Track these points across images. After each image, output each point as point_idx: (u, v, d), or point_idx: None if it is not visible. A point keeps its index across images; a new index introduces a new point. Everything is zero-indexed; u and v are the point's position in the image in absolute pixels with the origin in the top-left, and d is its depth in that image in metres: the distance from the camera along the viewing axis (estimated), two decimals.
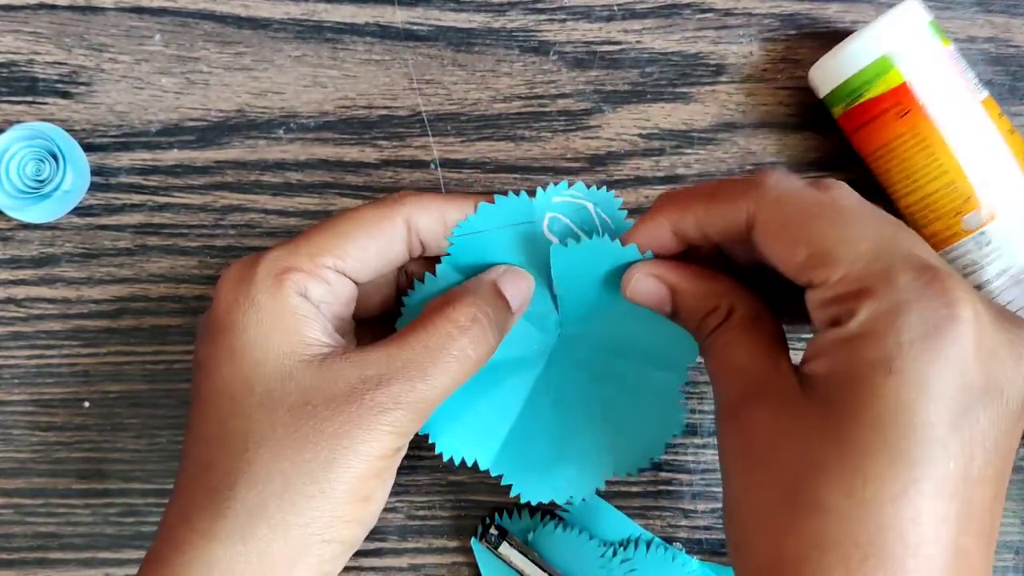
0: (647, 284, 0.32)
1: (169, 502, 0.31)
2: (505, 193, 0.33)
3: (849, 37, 0.38)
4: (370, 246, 0.32)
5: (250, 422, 0.29)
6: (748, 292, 0.31)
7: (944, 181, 0.37)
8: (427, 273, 0.34)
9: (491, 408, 0.34)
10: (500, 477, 0.34)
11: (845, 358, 0.26)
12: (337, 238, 0.32)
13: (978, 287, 0.38)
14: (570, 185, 0.34)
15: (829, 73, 0.38)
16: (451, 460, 0.34)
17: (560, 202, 0.34)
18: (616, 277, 0.33)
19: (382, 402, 0.29)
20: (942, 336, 0.25)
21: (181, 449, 0.31)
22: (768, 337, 0.29)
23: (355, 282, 0.32)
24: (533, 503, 0.35)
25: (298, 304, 0.30)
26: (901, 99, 0.37)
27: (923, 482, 0.24)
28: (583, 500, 0.34)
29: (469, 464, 0.34)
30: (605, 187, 0.34)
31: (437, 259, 0.34)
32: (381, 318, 0.35)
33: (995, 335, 0.25)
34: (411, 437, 0.31)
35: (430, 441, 0.34)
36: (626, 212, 0.34)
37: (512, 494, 0.34)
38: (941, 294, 0.25)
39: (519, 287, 0.33)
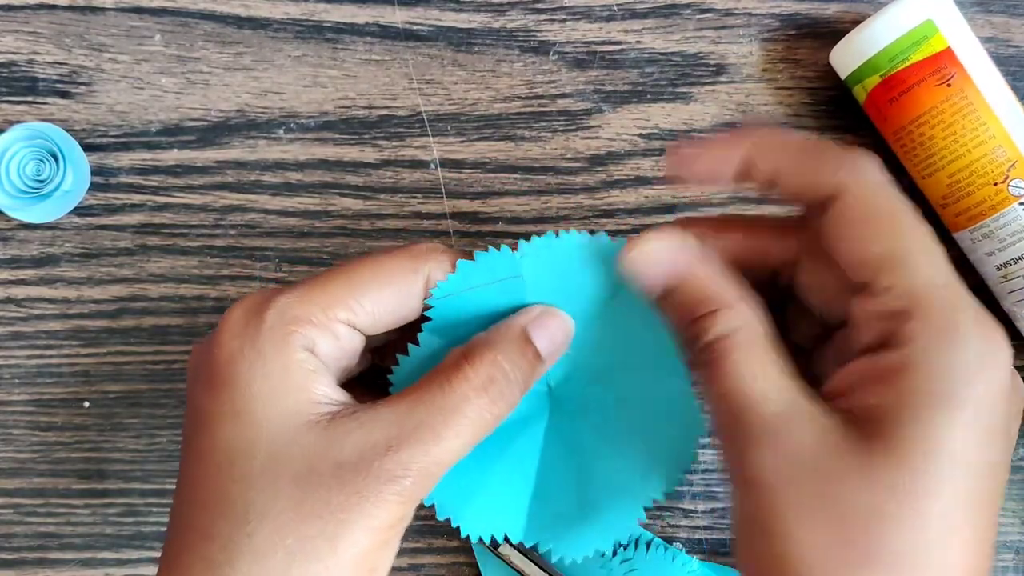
0: (656, 256, 0.28)
1: (161, 568, 0.29)
2: (486, 249, 0.30)
3: (882, 9, 0.38)
4: (387, 301, 0.30)
5: (252, 491, 0.27)
6: (759, 299, 0.28)
7: (991, 146, 0.37)
8: (410, 345, 0.31)
9: (506, 473, 0.32)
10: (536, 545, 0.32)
11: (901, 392, 0.24)
12: (352, 289, 0.29)
13: None
14: (556, 234, 0.30)
15: (863, 44, 0.38)
16: (480, 540, 0.31)
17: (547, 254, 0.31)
18: (595, 277, 0.30)
19: (390, 469, 0.27)
20: (995, 368, 0.24)
21: (172, 507, 0.30)
22: (784, 354, 0.27)
23: (364, 335, 0.30)
24: (579, 561, 0.32)
25: (305, 359, 0.28)
26: (946, 63, 0.37)
27: (977, 516, 0.24)
28: (632, 542, 0.32)
29: (501, 541, 0.32)
30: (604, 233, 0.30)
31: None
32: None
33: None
34: (419, 503, 0.28)
35: (453, 525, 0.31)
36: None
37: (554, 560, 0.32)
38: (986, 322, 0.24)
39: (553, 333, 0.30)
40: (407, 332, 0.31)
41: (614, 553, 0.40)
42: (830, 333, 0.29)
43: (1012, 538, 0.41)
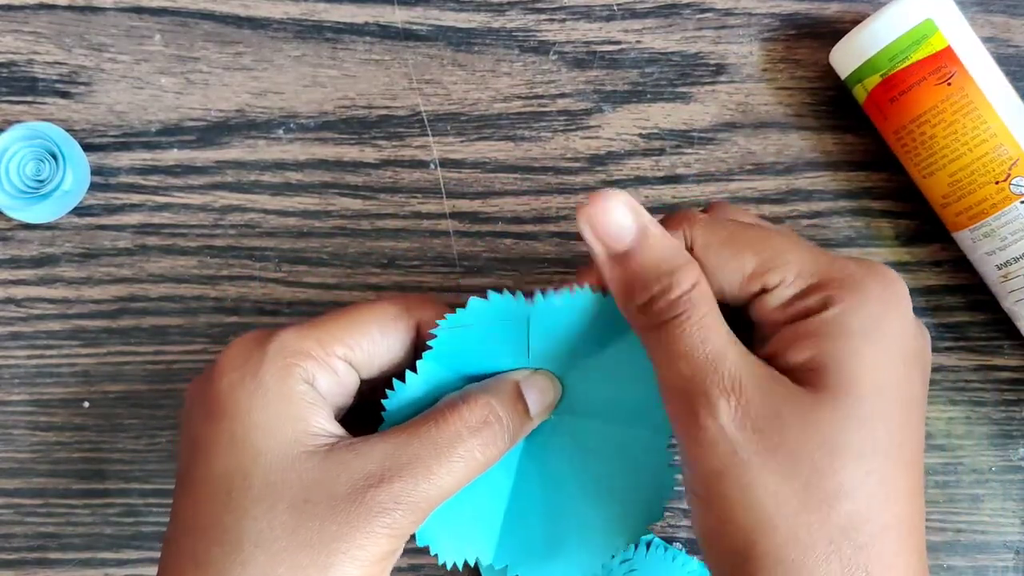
0: (621, 212, 0.28)
1: None
2: (500, 291, 0.31)
3: (881, 9, 0.38)
4: (382, 342, 0.31)
5: (246, 519, 0.28)
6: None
7: (992, 144, 0.37)
8: (408, 372, 0.31)
9: (480, 500, 0.32)
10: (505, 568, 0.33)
11: (830, 341, 0.27)
12: (351, 328, 0.30)
13: None
14: (572, 291, 0.30)
15: (863, 44, 0.38)
16: (453, 566, 0.32)
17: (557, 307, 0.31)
18: (597, 330, 0.31)
19: (382, 501, 0.28)
20: (898, 305, 0.28)
21: (165, 534, 0.30)
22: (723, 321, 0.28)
23: (360, 375, 0.31)
24: None
25: (305, 391, 0.29)
26: (946, 62, 0.37)
27: (915, 439, 0.28)
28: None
29: (472, 565, 0.33)
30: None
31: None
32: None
33: None
34: (407, 539, 0.29)
35: (432, 553, 0.32)
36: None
37: None
38: (885, 272, 0.28)
39: (543, 394, 0.32)
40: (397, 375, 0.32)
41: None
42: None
43: (1012, 538, 0.41)
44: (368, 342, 0.31)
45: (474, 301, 0.31)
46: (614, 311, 0.30)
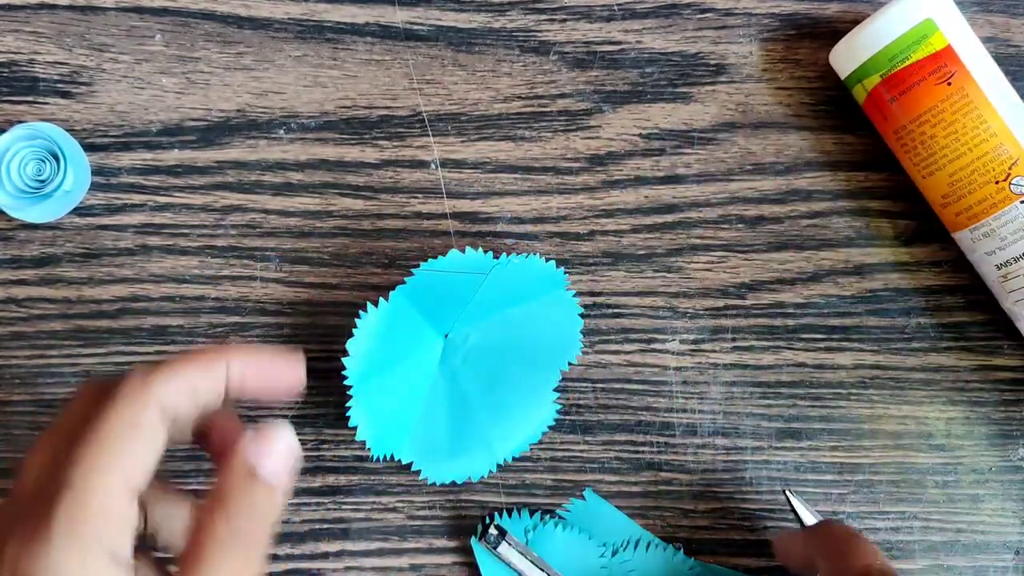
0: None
1: None
2: (477, 248, 0.38)
3: (881, 9, 0.38)
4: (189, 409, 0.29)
5: None
6: None
7: (993, 144, 0.37)
8: (380, 297, 0.37)
9: (400, 407, 0.39)
10: (412, 464, 0.39)
11: None
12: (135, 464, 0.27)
13: None
14: (527, 257, 0.38)
15: (863, 44, 0.38)
16: (380, 458, 0.39)
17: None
18: (528, 287, 0.39)
19: None
20: None
21: None
22: None
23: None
24: (437, 484, 0.40)
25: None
26: (946, 62, 0.37)
27: None
28: (481, 478, 0.40)
29: (390, 457, 0.39)
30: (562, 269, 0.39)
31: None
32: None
33: None
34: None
35: (366, 448, 0.38)
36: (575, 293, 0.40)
37: (421, 477, 0.39)
38: None
39: (276, 452, 0.29)
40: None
41: (614, 553, 0.40)
42: None
43: (1012, 538, 0.41)
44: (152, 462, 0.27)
45: (453, 252, 0.37)
46: (546, 274, 0.39)
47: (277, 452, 0.28)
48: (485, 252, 0.38)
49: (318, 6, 0.42)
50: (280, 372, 0.30)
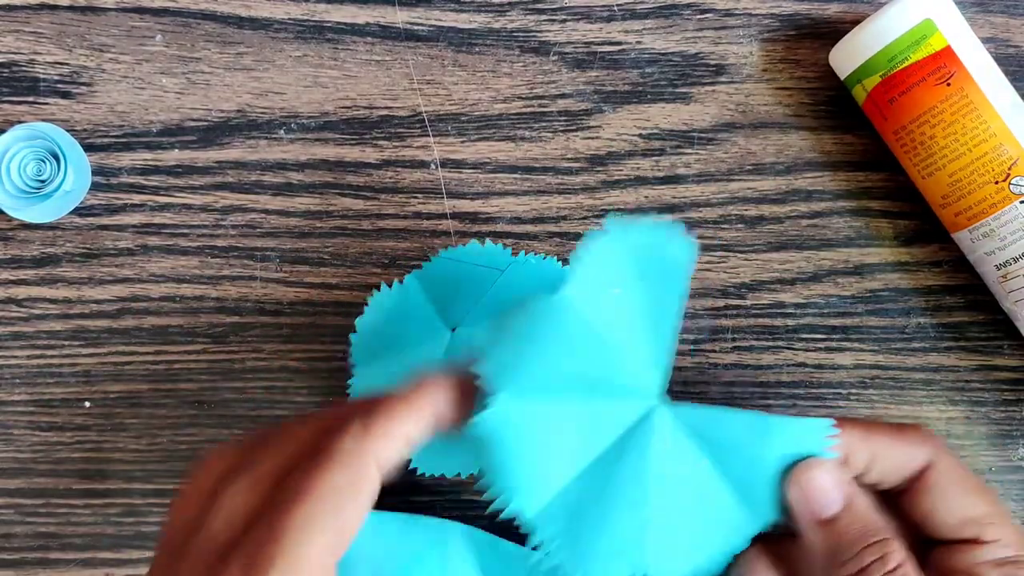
0: (831, 481, 0.30)
1: None
2: (496, 243, 0.37)
3: (881, 9, 0.38)
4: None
5: None
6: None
7: (992, 144, 0.37)
8: (395, 280, 0.37)
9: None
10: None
11: None
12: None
13: None
14: (544, 257, 0.37)
15: (862, 44, 0.38)
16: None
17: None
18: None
19: None
20: None
21: None
22: None
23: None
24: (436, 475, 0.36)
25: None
26: (945, 62, 0.37)
27: None
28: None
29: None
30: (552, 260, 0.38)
31: None
32: None
33: None
34: None
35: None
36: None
37: (418, 473, 0.36)
38: None
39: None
40: None
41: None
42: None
43: None
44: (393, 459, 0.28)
45: (473, 243, 0.37)
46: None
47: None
48: (499, 244, 0.37)
49: (318, 6, 0.42)
50: (467, 399, 0.29)
